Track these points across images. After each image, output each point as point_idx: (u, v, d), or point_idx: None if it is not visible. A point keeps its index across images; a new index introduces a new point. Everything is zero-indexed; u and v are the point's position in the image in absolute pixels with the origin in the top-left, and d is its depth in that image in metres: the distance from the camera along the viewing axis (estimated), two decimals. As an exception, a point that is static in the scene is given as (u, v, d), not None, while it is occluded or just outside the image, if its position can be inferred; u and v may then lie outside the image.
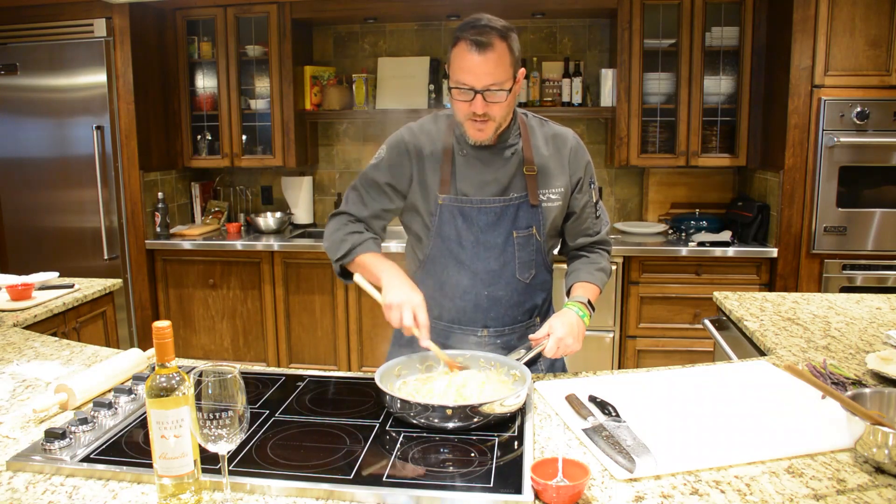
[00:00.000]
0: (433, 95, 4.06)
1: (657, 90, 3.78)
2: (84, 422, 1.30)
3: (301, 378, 1.61)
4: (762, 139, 3.71)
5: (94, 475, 1.16)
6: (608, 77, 3.83)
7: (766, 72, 3.65)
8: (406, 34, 4.20)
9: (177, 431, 1.02)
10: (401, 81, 4.09)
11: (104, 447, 1.24)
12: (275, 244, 3.83)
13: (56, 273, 2.74)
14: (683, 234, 3.80)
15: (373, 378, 1.43)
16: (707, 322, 2.40)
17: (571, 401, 1.42)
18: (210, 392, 0.99)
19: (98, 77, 3.77)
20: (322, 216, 4.45)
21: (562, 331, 1.57)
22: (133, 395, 1.46)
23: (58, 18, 3.79)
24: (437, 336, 1.74)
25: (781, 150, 3.43)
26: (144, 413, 1.34)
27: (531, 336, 1.63)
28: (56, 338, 2.04)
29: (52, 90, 3.83)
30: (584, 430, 1.30)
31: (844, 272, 3.44)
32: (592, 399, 1.43)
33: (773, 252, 3.49)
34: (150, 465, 1.07)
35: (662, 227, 3.94)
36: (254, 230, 4.15)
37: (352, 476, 1.14)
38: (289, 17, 3.87)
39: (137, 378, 1.55)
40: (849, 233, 3.40)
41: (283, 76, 3.93)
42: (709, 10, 3.62)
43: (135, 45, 3.77)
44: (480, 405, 1.29)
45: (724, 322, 2.32)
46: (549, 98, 3.99)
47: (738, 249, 3.54)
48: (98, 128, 3.79)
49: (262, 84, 4.12)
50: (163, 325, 1.04)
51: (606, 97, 3.85)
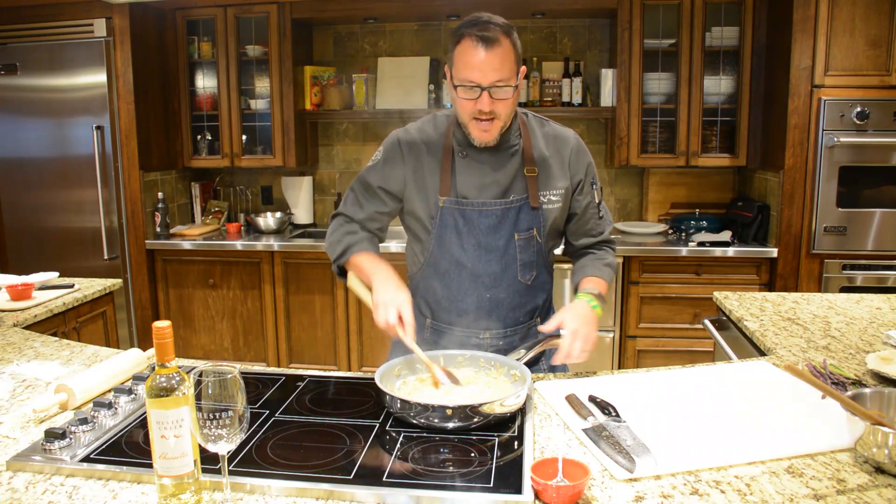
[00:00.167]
0: (433, 95, 4.06)
1: (657, 90, 3.78)
2: (84, 422, 1.30)
3: (301, 378, 1.61)
4: (762, 139, 3.71)
5: (94, 475, 1.16)
6: (608, 77, 3.83)
7: (766, 72, 3.65)
8: (406, 34, 4.20)
9: (177, 431, 1.02)
10: (401, 81, 4.09)
11: (104, 447, 1.24)
12: (275, 244, 3.83)
13: (56, 273, 2.74)
14: (683, 234, 3.80)
15: (373, 378, 1.43)
16: (707, 322, 2.40)
17: (571, 401, 1.42)
18: (210, 392, 0.99)
19: (98, 77, 3.77)
20: (322, 216, 4.45)
21: (575, 323, 1.53)
22: (133, 395, 1.46)
23: (58, 18, 3.79)
24: (439, 338, 1.75)
25: (781, 150, 3.43)
26: (144, 413, 1.34)
27: (540, 327, 1.60)
28: (56, 338, 2.03)
29: (52, 90, 3.83)
30: (584, 430, 1.30)
31: (844, 272, 3.44)
32: (592, 399, 1.43)
33: (773, 252, 3.49)
34: (150, 465, 1.07)
35: (662, 227, 3.94)
36: (254, 230, 4.15)
37: (352, 476, 1.14)
38: (289, 17, 3.87)
39: (137, 378, 1.55)
40: (849, 233, 3.40)
41: (283, 76, 3.93)
42: (709, 10, 3.62)
43: (135, 45, 3.77)
44: (480, 405, 1.29)
45: (724, 322, 2.32)
46: (549, 98, 3.99)
47: (738, 249, 3.54)
48: (98, 128, 3.79)
49: (262, 84, 4.12)
50: (163, 325, 1.04)
51: (606, 97, 3.86)
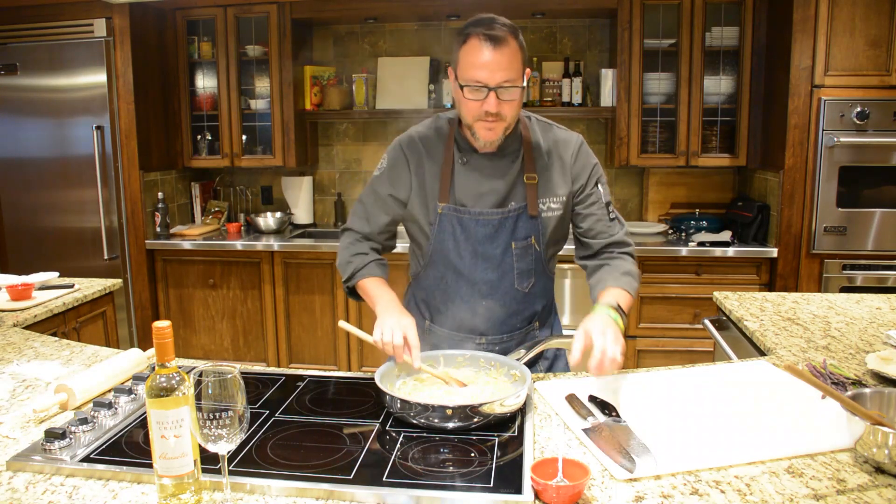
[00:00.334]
0: (433, 95, 4.06)
1: (657, 90, 3.78)
2: (84, 422, 1.30)
3: (301, 378, 1.61)
4: (762, 139, 3.71)
5: (94, 475, 1.16)
6: (608, 77, 3.83)
7: (766, 72, 3.65)
8: (406, 34, 4.20)
9: (177, 431, 1.02)
10: (401, 81, 4.09)
11: (104, 447, 1.24)
12: (275, 244, 3.83)
13: (56, 273, 2.74)
14: (683, 234, 3.80)
15: (373, 378, 1.43)
16: (707, 322, 2.40)
17: (571, 401, 1.42)
18: (210, 392, 0.99)
19: (98, 77, 3.77)
20: (322, 216, 4.45)
21: (601, 339, 1.38)
22: (133, 395, 1.46)
23: (58, 18, 3.79)
24: (436, 341, 1.75)
25: (781, 150, 3.43)
26: (144, 413, 1.34)
27: (572, 363, 1.43)
28: (56, 338, 2.03)
29: (52, 90, 3.83)
30: (584, 430, 1.30)
31: (844, 272, 3.44)
32: (592, 399, 1.43)
33: (773, 252, 3.49)
34: (150, 465, 1.07)
35: (662, 227, 3.94)
36: (254, 230, 4.15)
37: (352, 476, 1.14)
38: (289, 17, 3.87)
39: (137, 378, 1.55)
40: (849, 233, 3.39)
41: (283, 76, 3.93)
42: (709, 10, 3.62)
43: (135, 45, 3.77)
44: (480, 405, 1.29)
45: (724, 322, 2.32)
46: (549, 98, 3.99)
47: (738, 249, 3.54)
48: (98, 128, 3.79)
49: (262, 84, 4.12)
50: (163, 325, 1.04)
51: (606, 97, 3.85)
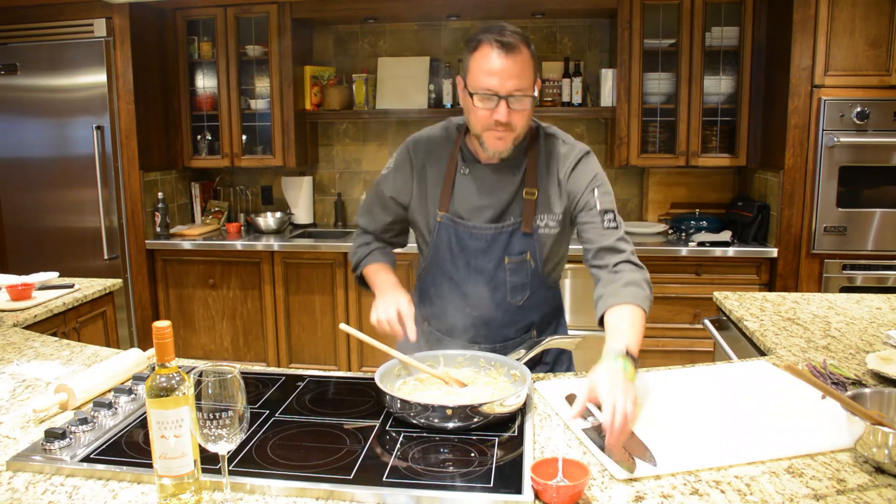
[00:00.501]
0: (433, 95, 4.06)
1: (657, 90, 3.78)
2: (84, 422, 1.30)
3: (301, 378, 1.61)
4: (762, 139, 3.71)
5: (94, 475, 1.16)
6: (608, 77, 3.83)
7: (766, 72, 3.65)
8: (406, 34, 4.20)
9: (177, 431, 1.02)
10: (401, 81, 4.09)
11: (104, 447, 1.24)
12: (275, 244, 3.83)
13: (56, 273, 2.74)
14: (683, 234, 3.80)
15: (373, 378, 1.43)
16: (707, 322, 2.40)
17: (571, 401, 1.42)
18: (210, 392, 0.99)
19: (98, 77, 3.77)
20: (322, 216, 4.45)
21: (610, 397, 1.22)
22: (133, 395, 1.46)
23: (58, 18, 3.78)
24: (433, 344, 1.75)
25: (781, 150, 3.43)
26: (144, 413, 1.34)
27: (572, 415, 1.30)
28: (56, 338, 2.03)
29: (52, 90, 3.82)
30: (584, 430, 1.30)
31: (844, 272, 3.44)
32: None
33: (773, 252, 3.49)
34: (150, 465, 1.07)
35: (662, 227, 3.94)
36: (254, 230, 4.15)
37: (352, 476, 1.14)
38: (289, 17, 3.87)
39: (137, 378, 1.55)
40: (849, 233, 3.39)
41: (283, 76, 3.93)
42: (709, 10, 3.62)
43: (135, 45, 3.77)
44: (480, 405, 1.29)
45: (724, 322, 2.32)
46: (549, 98, 3.98)
47: (738, 249, 3.54)
48: (98, 128, 3.79)
49: (262, 84, 4.12)
50: (163, 325, 1.04)
51: (606, 97, 3.85)
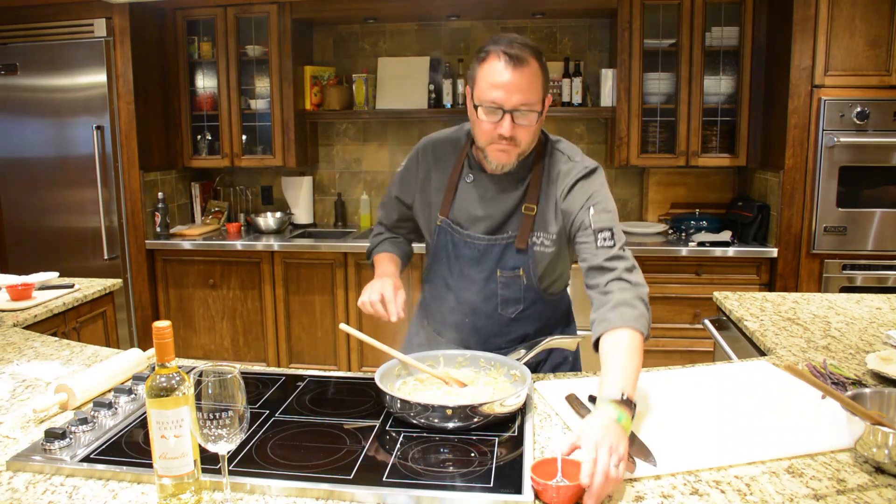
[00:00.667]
0: (433, 95, 4.06)
1: (657, 90, 3.78)
2: (84, 422, 1.30)
3: (301, 378, 1.61)
4: (762, 139, 3.71)
5: (94, 475, 1.16)
6: (608, 77, 3.83)
7: (766, 72, 3.65)
8: (406, 34, 4.20)
9: (177, 431, 1.02)
10: (401, 81, 4.09)
11: (104, 447, 1.24)
12: (275, 244, 3.83)
13: (56, 273, 2.74)
14: (683, 234, 3.80)
15: (373, 378, 1.43)
16: (707, 322, 2.40)
17: (571, 401, 1.42)
18: (210, 392, 0.99)
19: (98, 77, 3.77)
20: (322, 216, 4.45)
21: (591, 451, 1.08)
22: (133, 395, 1.46)
23: (58, 18, 3.78)
24: (430, 345, 1.75)
25: (781, 150, 3.43)
26: (144, 413, 1.34)
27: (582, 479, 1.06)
28: (56, 338, 2.03)
29: (52, 90, 3.82)
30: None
31: (844, 272, 3.44)
32: (592, 399, 1.43)
33: (773, 252, 3.49)
34: (150, 465, 1.07)
35: (662, 227, 3.94)
36: (254, 230, 4.15)
37: (352, 476, 1.14)
38: (289, 17, 3.87)
39: (137, 378, 1.55)
40: (849, 233, 3.39)
41: (283, 76, 3.93)
42: (709, 10, 3.62)
43: (135, 45, 3.77)
44: (480, 405, 1.29)
45: (724, 322, 2.32)
46: (549, 98, 3.98)
47: (738, 249, 3.54)
48: (98, 128, 3.79)
49: (262, 84, 4.12)
50: (163, 325, 1.04)
51: (606, 97, 3.85)
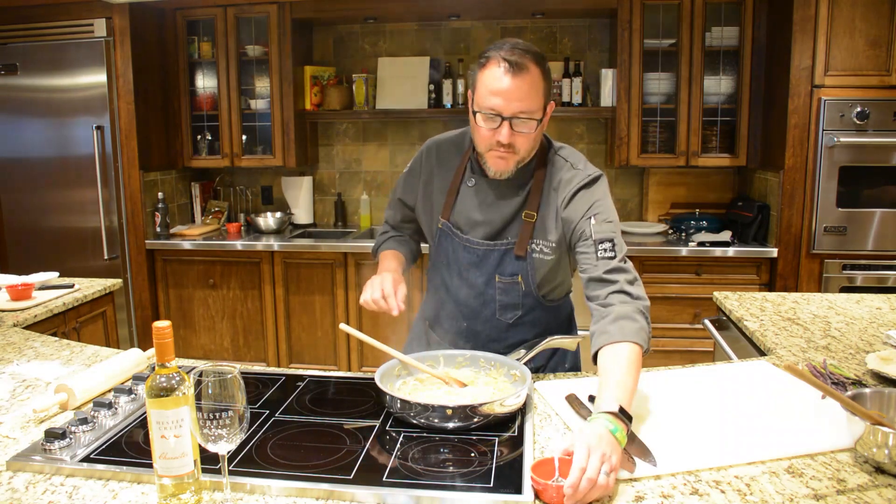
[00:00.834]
0: (433, 95, 4.06)
1: (657, 90, 3.78)
2: (84, 422, 1.30)
3: (301, 378, 1.61)
4: (762, 139, 3.71)
5: (94, 475, 1.16)
6: (608, 77, 3.83)
7: (766, 72, 3.65)
8: (406, 34, 4.20)
9: (177, 431, 1.02)
10: (401, 81, 4.09)
11: (104, 447, 1.24)
12: (275, 244, 3.83)
13: (56, 273, 2.74)
14: (683, 234, 3.80)
15: (373, 378, 1.43)
16: (707, 322, 2.40)
17: (571, 401, 1.42)
18: (210, 392, 0.99)
19: (98, 77, 3.77)
20: (322, 216, 4.45)
21: (581, 457, 1.06)
22: (133, 395, 1.46)
23: (58, 18, 3.78)
24: (430, 345, 1.76)
25: (781, 150, 3.43)
26: (144, 413, 1.34)
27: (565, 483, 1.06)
28: (56, 338, 2.03)
29: (52, 90, 3.82)
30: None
31: (844, 272, 3.44)
32: (592, 399, 1.43)
33: (773, 252, 3.49)
34: (150, 465, 1.07)
35: (662, 227, 3.94)
36: (254, 230, 4.15)
37: (352, 476, 1.14)
38: (289, 17, 3.87)
39: (137, 378, 1.55)
40: (849, 233, 3.39)
41: (283, 76, 3.93)
42: (709, 10, 3.62)
43: (135, 45, 3.77)
44: (480, 405, 1.29)
45: (724, 322, 2.32)
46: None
47: (738, 249, 3.54)
48: (98, 128, 3.79)
49: (262, 84, 4.12)
50: (163, 325, 1.04)
51: (606, 97, 3.85)
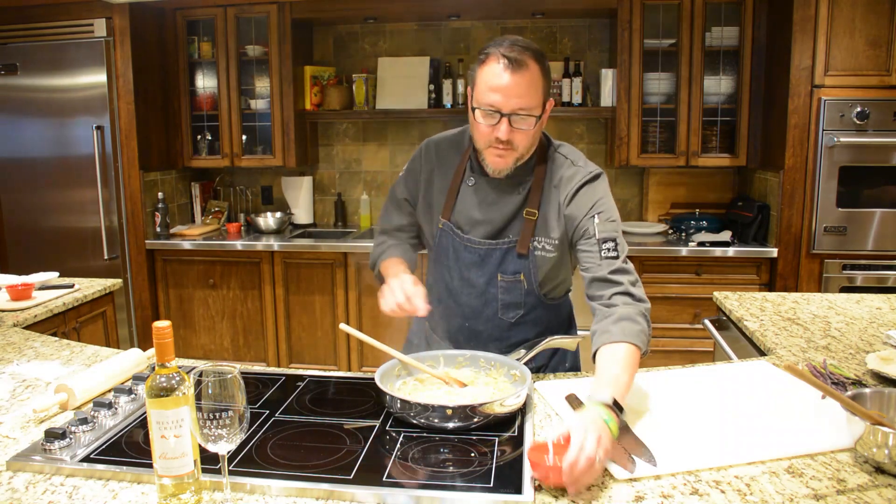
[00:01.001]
0: (433, 95, 4.06)
1: (657, 90, 3.78)
2: (84, 422, 1.30)
3: (301, 378, 1.61)
4: (762, 139, 3.71)
5: (94, 475, 1.16)
6: (608, 77, 3.83)
7: (766, 72, 3.65)
8: (406, 34, 4.20)
9: (177, 431, 1.02)
10: (401, 81, 4.09)
11: (104, 447, 1.24)
12: (275, 244, 3.83)
13: (56, 273, 2.74)
14: (683, 234, 3.80)
15: (373, 378, 1.43)
16: (707, 322, 2.40)
17: (571, 401, 1.42)
18: (210, 392, 0.99)
19: (98, 77, 3.77)
20: (322, 216, 4.45)
21: (580, 437, 1.10)
22: (133, 395, 1.46)
23: (58, 18, 3.78)
24: (430, 345, 1.76)
25: (781, 150, 3.43)
26: (144, 413, 1.34)
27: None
28: (56, 338, 2.03)
29: (52, 90, 3.82)
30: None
31: (844, 272, 3.44)
32: (592, 399, 1.43)
33: (773, 252, 3.49)
34: (150, 465, 1.07)
35: (662, 227, 3.94)
36: (254, 230, 4.15)
37: (352, 476, 1.14)
38: (289, 17, 3.87)
39: (137, 378, 1.55)
40: (849, 233, 3.39)
41: (283, 76, 3.93)
42: (709, 10, 3.62)
43: (135, 45, 3.77)
44: (480, 405, 1.29)
45: (724, 322, 2.32)
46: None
47: (738, 249, 3.54)
48: (98, 128, 3.79)
49: (262, 84, 4.12)
50: (163, 325, 1.04)
51: (606, 97, 3.85)
